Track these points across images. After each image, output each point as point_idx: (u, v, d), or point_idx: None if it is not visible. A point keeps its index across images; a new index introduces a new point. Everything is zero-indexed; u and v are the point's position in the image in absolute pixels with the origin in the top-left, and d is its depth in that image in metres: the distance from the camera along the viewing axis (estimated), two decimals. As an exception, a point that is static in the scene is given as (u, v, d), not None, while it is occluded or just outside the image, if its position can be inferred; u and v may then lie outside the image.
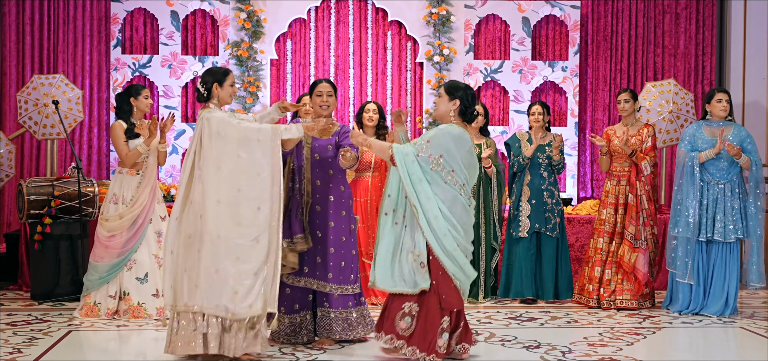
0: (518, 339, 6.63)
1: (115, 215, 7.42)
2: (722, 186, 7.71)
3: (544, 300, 8.20)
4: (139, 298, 7.41)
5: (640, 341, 6.66)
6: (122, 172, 7.55)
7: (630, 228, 7.89)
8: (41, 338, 6.64)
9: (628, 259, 7.87)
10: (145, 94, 7.66)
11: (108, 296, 7.40)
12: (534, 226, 8.17)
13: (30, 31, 10.31)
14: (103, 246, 7.42)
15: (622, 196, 7.98)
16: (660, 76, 10.61)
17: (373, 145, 5.98)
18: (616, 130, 8.14)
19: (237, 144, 5.66)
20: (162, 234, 7.56)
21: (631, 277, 7.86)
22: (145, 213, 7.49)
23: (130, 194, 7.49)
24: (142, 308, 7.38)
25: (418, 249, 5.75)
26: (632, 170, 7.94)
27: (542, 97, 10.71)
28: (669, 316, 7.61)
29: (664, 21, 10.72)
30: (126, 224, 7.39)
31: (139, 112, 7.67)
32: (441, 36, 10.53)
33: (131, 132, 7.55)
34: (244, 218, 5.62)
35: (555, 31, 10.78)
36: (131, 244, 7.42)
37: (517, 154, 8.31)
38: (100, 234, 7.45)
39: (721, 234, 7.66)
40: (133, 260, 7.44)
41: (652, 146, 7.94)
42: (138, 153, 7.48)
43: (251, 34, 10.42)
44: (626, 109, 8.04)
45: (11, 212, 10.27)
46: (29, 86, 8.96)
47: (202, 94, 5.90)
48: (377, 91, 10.69)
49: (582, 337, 6.75)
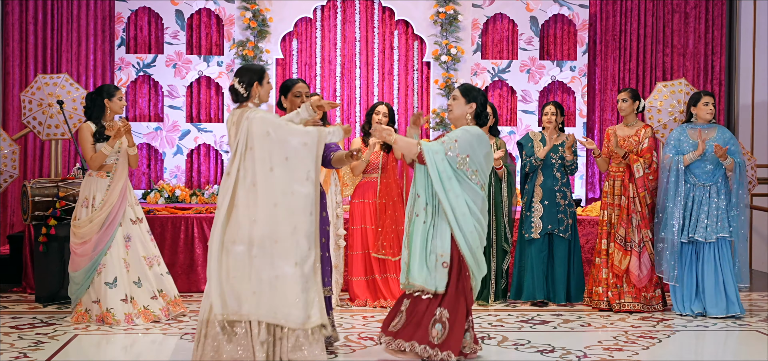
0: (532, 343, 6.53)
1: (85, 219, 7.22)
2: (708, 187, 7.71)
3: (556, 303, 8.10)
4: (108, 303, 7.14)
5: (655, 345, 6.56)
6: (92, 175, 7.34)
7: (620, 231, 7.82)
8: (47, 342, 6.53)
9: (618, 261, 7.80)
10: (120, 95, 7.45)
11: (92, 302, 7.25)
12: (546, 227, 8.07)
13: (33, 31, 10.22)
14: (78, 255, 7.23)
15: (617, 197, 7.90)
16: (669, 76, 10.52)
17: (399, 141, 5.87)
18: (616, 130, 8.06)
19: (287, 146, 5.45)
20: (131, 238, 7.34)
21: (622, 280, 7.77)
22: (114, 215, 7.25)
23: (101, 196, 7.29)
24: (110, 313, 7.11)
25: (443, 249, 5.73)
26: (627, 172, 7.86)
27: (550, 97, 10.61)
28: (683, 319, 7.51)
29: (673, 20, 10.63)
30: (95, 227, 7.18)
31: (111, 114, 7.48)
32: (448, 35, 10.43)
33: (101, 134, 7.36)
34: (300, 223, 5.39)
35: (563, 31, 10.69)
36: (101, 246, 7.19)
37: (530, 155, 8.21)
38: (73, 243, 7.25)
39: (702, 235, 7.66)
40: (102, 264, 7.21)
41: (648, 148, 7.84)
42: (103, 155, 7.27)
43: (257, 34, 10.32)
44: (624, 109, 7.97)
45: (14, 213, 10.17)
46: (33, 86, 8.85)
47: (241, 94, 5.64)
48: (384, 91, 10.60)
49: (596, 341, 6.64)
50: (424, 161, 5.76)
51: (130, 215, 7.40)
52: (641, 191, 7.78)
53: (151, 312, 7.27)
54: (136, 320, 7.15)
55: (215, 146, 10.48)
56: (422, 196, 5.80)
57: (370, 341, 6.53)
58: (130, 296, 7.22)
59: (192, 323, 7.18)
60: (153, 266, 7.43)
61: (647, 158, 7.83)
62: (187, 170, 10.53)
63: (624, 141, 7.92)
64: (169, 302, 7.43)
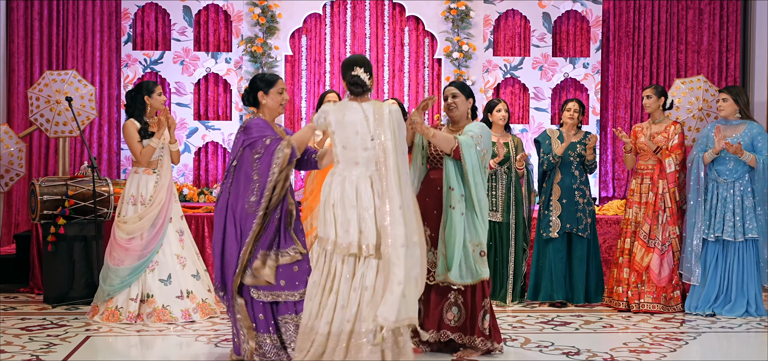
0: (555, 345, 6.39)
1: (134, 216, 7.17)
2: (731, 184, 7.61)
3: (575, 303, 7.96)
4: (164, 300, 7.13)
5: (682, 347, 6.42)
6: (138, 172, 7.30)
7: (644, 226, 7.70)
8: (59, 344, 6.39)
9: (639, 258, 7.69)
10: (159, 91, 7.41)
11: (129, 300, 7.12)
12: (565, 226, 7.93)
13: (38, 27, 10.06)
14: (123, 249, 7.15)
15: (645, 194, 7.78)
16: (683, 73, 10.39)
17: (437, 136, 5.84)
18: (643, 127, 7.95)
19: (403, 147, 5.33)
20: (183, 232, 7.38)
21: (641, 277, 7.64)
22: (165, 212, 7.24)
23: (149, 193, 7.24)
24: (167, 310, 7.10)
25: (479, 239, 5.88)
26: (656, 168, 7.74)
27: (563, 94, 10.47)
28: (707, 320, 7.37)
29: (688, 17, 10.50)
30: (146, 224, 7.14)
31: (153, 110, 7.41)
32: (460, 32, 10.29)
33: (145, 131, 7.29)
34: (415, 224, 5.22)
35: (576, 27, 10.54)
36: (153, 245, 7.16)
37: (548, 152, 8.07)
38: (119, 237, 7.17)
39: (730, 233, 7.57)
40: (155, 262, 7.18)
41: (678, 144, 7.73)
42: (152, 149, 7.24)
43: (265, 30, 10.17)
44: (649, 106, 7.86)
45: (19, 212, 10.02)
46: (41, 83, 8.69)
47: (366, 86, 5.34)
48: (394, 88, 10.45)
49: (621, 343, 6.51)
50: (459, 155, 5.81)
51: (179, 211, 7.41)
52: (672, 187, 7.67)
53: (209, 305, 7.32)
54: (194, 315, 7.17)
55: (223, 144, 10.33)
56: (455, 188, 5.85)
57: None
58: (187, 291, 7.21)
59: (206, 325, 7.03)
60: (200, 259, 7.55)
61: (677, 155, 7.71)
62: (194, 169, 10.37)
63: (653, 138, 7.80)
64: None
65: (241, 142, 5.62)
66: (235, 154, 5.62)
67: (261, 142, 5.55)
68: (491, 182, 8.02)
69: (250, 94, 5.77)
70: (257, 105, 5.76)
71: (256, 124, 5.63)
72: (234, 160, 5.63)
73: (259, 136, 5.58)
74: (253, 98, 5.75)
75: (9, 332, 6.72)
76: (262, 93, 5.71)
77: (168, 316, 7.09)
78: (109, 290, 7.16)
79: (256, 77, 5.80)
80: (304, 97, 10.40)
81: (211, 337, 6.65)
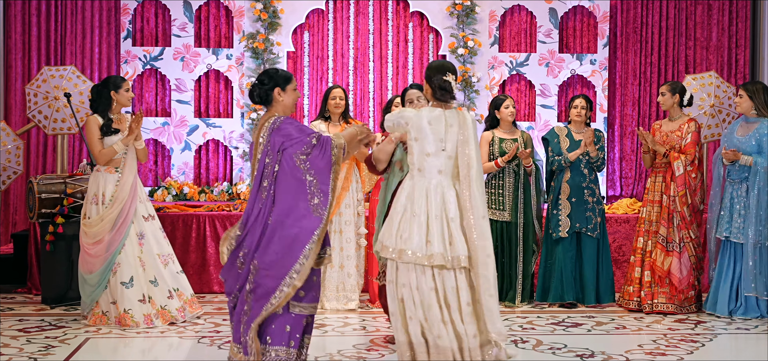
0: (568, 347, 6.23)
1: (96, 218, 6.89)
2: (739, 185, 7.48)
3: (585, 304, 7.78)
4: (125, 304, 6.83)
5: (698, 349, 6.26)
6: (100, 170, 7.01)
7: (662, 230, 7.52)
8: (58, 346, 6.22)
9: (660, 263, 7.50)
10: (127, 87, 7.15)
11: (110, 304, 6.92)
12: (574, 226, 7.75)
13: (36, 23, 9.88)
14: (91, 255, 6.89)
15: (659, 193, 7.61)
16: (692, 70, 10.23)
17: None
18: (661, 124, 7.78)
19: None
20: (144, 236, 7.01)
21: (664, 281, 7.47)
22: (126, 212, 6.93)
23: (110, 192, 6.96)
24: (128, 314, 6.80)
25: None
26: (669, 168, 7.57)
27: (570, 91, 10.31)
28: (722, 321, 7.21)
29: (696, 12, 10.33)
30: (107, 225, 6.85)
31: (118, 107, 7.16)
32: (465, 28, 10.12)
33: (108, 128, 7.04)
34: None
35: (583, 23, 10.38)
36: (114, 246, 6.86)
37: (556, 150, 7.90)
38: (85, 243, 6.91)
39: (736, 235, 7.43)
40: (117, 263, 6.88)
41: (691, 143, 7.53)
42: (112, 151, 6.96)
43: (267, 26, 10.00)
44: (664, 103, 7.71)
45: (17, 211, 9.84)
46: (39, 78, 8.51)
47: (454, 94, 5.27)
48: (398, 85, 10.28)
49: (636, 345, 6.35)
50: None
51: (142, 212, 7.08)
52: (681, 190, 7.47)
53: (169, 312, 6.98)
54: (155, 321, 6.85)
55: (224, 142, 10.15)
56: None
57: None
58: (148, 296, 6.90)
59: (208, 326, 6.86)
60: (168, 264, 7.11)
61: (690, 154, 7.52)
62: (195, 167, 10.19)
63: (667, 136, 7.63)
64: (185, 301, 7.11)
65: (277, 145, 5.17)
66: (276, 159, 5.16)
67: (307, 141, 5.15)
68: (498, 180, 7.86)
69: (262, 91, 5.30)
70: (268, 102, 5.32)
71: (290, 122, 5.20)
72: (275, 166, 5.15)
73: (303, 135, 5.18)
74: (265, 95, 5.31)
75: (6, 334, 6.55)
76: (280, 90, 5.28)
77: (129, 321, 6.79)
78: (89, 300, 6.96)
79: (270, 72, 5.35)
80: (306, 95, 10.23)
81: (214, 339, 6.48)
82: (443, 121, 5.18)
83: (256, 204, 5.15)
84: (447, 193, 5.11)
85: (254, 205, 5.15)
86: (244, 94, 10.03)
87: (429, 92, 5.31)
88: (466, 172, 5.10)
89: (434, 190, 5.11)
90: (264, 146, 5.19)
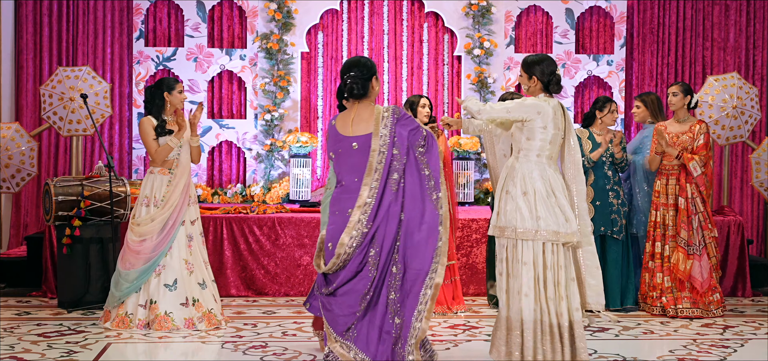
0: (599, 353, 6.12)
1: (146, 217, 6.82)
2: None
3: (610, 308, 7.67)
4: (167, 307, 6.75)
5: (731, 355, 6.16)
6: (154, 172, 6.97)
7: (682, 233, 7.40)
8: (80, 351, 6.10)
9: (682, 267, 7.38)
10: (180, 88, 7.09)
11: (139, 306, 6.82)
12: (599, 229, 7.64)
13: (48, 23, 9.79)
14: (134, 253, 6.80)
15: (673, 196, 7.48)
16: (709, 71, 10.14)
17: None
18: (667, 125, 7.67)
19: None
20: (193, 238, 6.96)
21: (685, 285, 7.38)
22: (177, 214, 6.86)
23: (162, 194, 6.90)
24: (169, 317, 6.73)
25: None
26: (682, 170, 7.46)
27: (586, 92, 10.23)
28: (751, 327, 7.11)
29: (713, 13, 10.25)
30: (157, 226, 6.78)
31: (172, 108, 7.09)
32: (480, 28, 10.04)
33: (163, 129, 6.97)
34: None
35: (600, 24, 10.30)
36: (161, 247, 6.79)
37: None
38: (130, 240, 6.84)
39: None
40: (161, 266, 6.80)
41: (704, 144, 7.43)
42: (168, 148, 6.89)
43: (281, 26, 9.92)
44: (674, 103, 7.57)
45: (28, 214, 9.74)
46: (54, 79, 8.41)
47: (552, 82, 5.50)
48: (413, 86, 10.20)
49: (667, 350, 6.25)
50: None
51: (192, 215, 7.00)
52: (703, 189, 7.39)
53: (215, 316, 6.90)
54: (199, 325, 6.77)
55: (237, 144, 10.05)
56: None
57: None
58: (193, 299, 6.82)
59: (230, 331, 6.76)
60: (208, 268, 7.06)
61: (703, 155, 7.42)
62: (208, 169, 10.10)
63: (676, 138, 7.52)
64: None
65: (406, 137, 5.04)
66: (404, 151, 5.01)
67: (420, 133, 5.05)
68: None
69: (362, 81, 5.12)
70: (366, 93, 5.16)
71: (406, 113, 5.11)
72: (404, 158, 5.02)
73: (417, 126, 5.08)
74: (365, 85, 5.14)
75: (26, 339, 6.44)
76: (375, 78, 5.20)
77: (170, 324, 6.71)
78: (120, 295, 6.85)
79: (362, 61, 5.19)
80: (320, 96, 10.14)
81: (238, 344, 6.38)
82: (560, 111, 5.43)
83: (384, 197, 4.99)
84: (558, 175, 5.41)
85: (383, 198, 4.99)
86: (257, 96, 9.94)
87: (538, 86, 5.44)
88: (572, 156, 5.44)
89: (554, 175, 5.36)
90: (388, 137, 5.02)
